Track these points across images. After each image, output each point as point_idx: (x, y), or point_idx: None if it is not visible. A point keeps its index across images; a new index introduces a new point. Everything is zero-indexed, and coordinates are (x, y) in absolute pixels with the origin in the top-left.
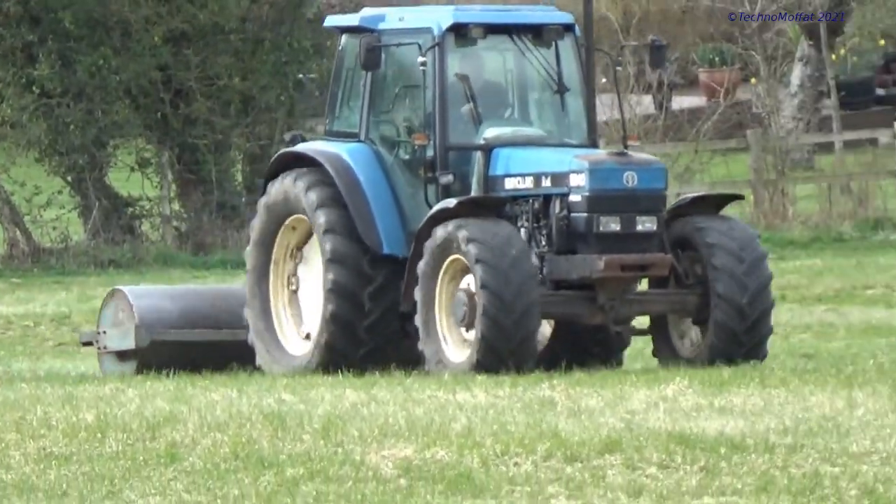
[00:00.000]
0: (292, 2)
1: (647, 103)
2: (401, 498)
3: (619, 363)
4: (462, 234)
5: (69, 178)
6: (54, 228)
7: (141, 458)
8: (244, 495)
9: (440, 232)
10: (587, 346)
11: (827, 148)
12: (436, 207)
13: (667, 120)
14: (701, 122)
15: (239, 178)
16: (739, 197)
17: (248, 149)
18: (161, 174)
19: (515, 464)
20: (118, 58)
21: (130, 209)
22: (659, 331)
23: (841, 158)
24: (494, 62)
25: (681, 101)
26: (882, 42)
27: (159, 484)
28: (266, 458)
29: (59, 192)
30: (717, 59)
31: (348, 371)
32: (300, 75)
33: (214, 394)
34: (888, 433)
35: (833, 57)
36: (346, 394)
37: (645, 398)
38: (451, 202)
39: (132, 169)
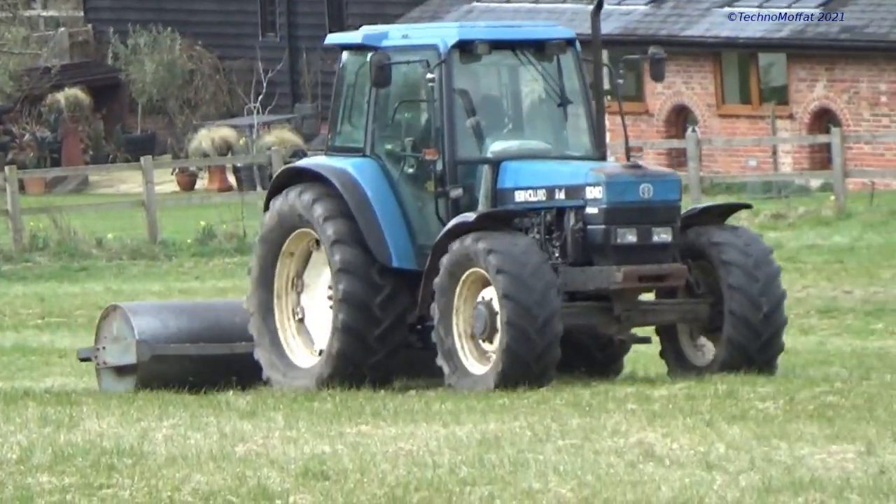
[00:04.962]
0: None
1: None
2: None
3: (620, 368)
4: (481, 245)
5: None
6: None
7: None
8: None
9: (458, 245)
10: (590, 353)
11: None
12: (453, 221)
13: None
14: None
15: None
16: (748, 206)
17: None
18: None
19: None
20: None
21: None
22: (669, 338)
23: None
24: (499, 77)
25: None
26: None
27: None
28: None
29: None
30: None
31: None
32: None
33: None
34: None
35: None
36: None
37: None
38: (469, 216)
39: None
